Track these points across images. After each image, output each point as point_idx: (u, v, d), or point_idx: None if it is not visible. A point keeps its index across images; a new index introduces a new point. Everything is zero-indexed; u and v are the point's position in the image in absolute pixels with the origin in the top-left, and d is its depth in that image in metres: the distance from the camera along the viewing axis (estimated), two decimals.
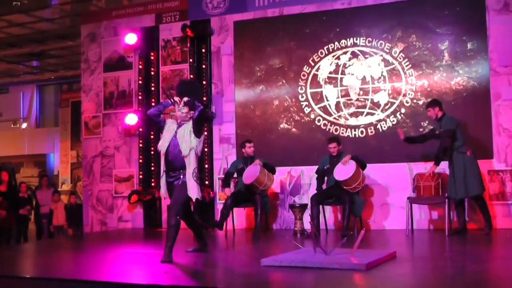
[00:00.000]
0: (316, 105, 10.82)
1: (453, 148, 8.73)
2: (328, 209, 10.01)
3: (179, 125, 6.63)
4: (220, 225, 9.19)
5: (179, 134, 6.53)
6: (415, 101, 10.20)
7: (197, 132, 6.52)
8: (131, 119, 11.65)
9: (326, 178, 9.52)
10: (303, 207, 9.65)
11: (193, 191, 6.48)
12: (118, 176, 12.12)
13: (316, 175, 9.60)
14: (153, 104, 11.47)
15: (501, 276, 5.24)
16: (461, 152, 8.62)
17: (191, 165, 6.44)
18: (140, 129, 11.75)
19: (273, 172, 9.66)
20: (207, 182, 11.02)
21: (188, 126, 6.57)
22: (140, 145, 11.75)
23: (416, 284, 5.16)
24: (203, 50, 11.42)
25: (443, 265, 6.14)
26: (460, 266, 5.98)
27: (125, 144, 12.09)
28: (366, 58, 10.51)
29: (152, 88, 11.69)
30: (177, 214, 6.33)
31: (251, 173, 9.33)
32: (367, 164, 9.30)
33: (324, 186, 9.52)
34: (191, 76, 11.23)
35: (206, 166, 11.12)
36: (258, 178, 9.30)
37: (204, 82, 11.20)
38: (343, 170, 9.02)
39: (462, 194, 8.61)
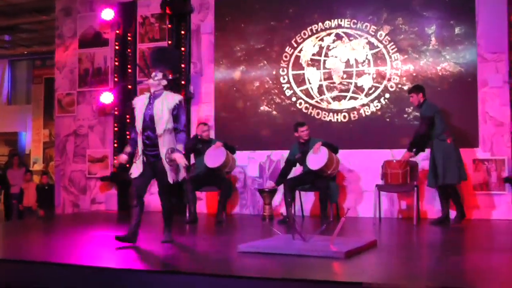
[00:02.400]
0: (298, 87, 10.85)
1: (433, 136, 8.73)
2: (303, 194, 10.05)
3: (154, 96, 6.48)
4: (195, 220, 9.12)
5: (155, 108, 6.40)
6: (400, 86, 10.21)
7: (176, 122, 6.44)
8: (107, 97, 11.60)
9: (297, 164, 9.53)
10: (272, 192, 9.70)
11: (168, 175, 6.43)
12: (92, 156, 12.11)
13: (284, 165, 9.60)
14: (129, 86, 11.54)
15: (481, 266, 5.29)
16: (441, 139, 8.62)
17: (165, 145, 6.34)
18: (115, 109, 11.68)
19: (233, 152, 9.71)
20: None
21: (166, 101, 6.41)
22: (115, 125, 11.69)
23: (395, 272, 5.19)
24: (183, 28, 11.38)
25: (419, 254, 6.22)
26: (437, 257, 6.06)
27: (100, 124, 12.06)
28: (350, 40, 10.52)
29: (129, 66, 11.63)
30: (168, 199, 6.52)
31: (215, 155, 9.31)
32: (338, 149, 9.35)
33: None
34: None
35: None
36: (225, 161, 9.34)
37: (183, 63, 11.14)
38: (316, 159, 9.01)
39: (440, 181, 8.62)
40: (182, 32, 11.30)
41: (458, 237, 7.67)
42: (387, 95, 10.24)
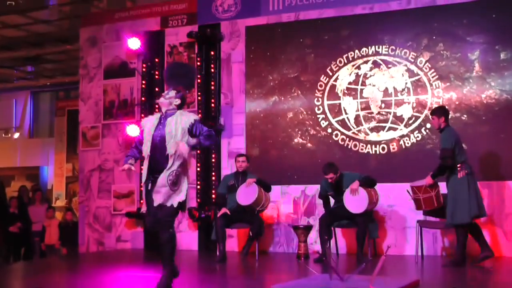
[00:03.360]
0: (333, 118, 10.77)
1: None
2: (339, 231, 9.95)
3: (165, 116, 6.18)
4: (224, 259, 9.06)
5: (168, 127, 6.05)
6: None
7: (192, 144, 6.07)
8: (133, 130, 11.47)
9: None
10: (308, 228, 9.58)
11: (171, 198, 6.07)
12: (117, 192, 12.06)
13: (321, 201, 9.59)
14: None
15: None
16: (453, 173, 8.31)
17: (171, 167, 5.97)
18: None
19: (269, 190, 9.63)
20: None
21: (180, 120, 6.11)
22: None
23: None
24: (212, 56, 11.42)
25: None
26: None
27: None
28: (388, 68, 10.43)
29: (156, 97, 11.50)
30: (169, 227, 6.06)
31: (247, 193, 9.28)
32: (376, 182, 9.19)
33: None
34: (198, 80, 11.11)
35: (214, 178, 11.06)
36: (257, 199, 9.31)
37: (212, 91, 11.27)
38: (355, 201, 8.87)
39: (448, 220, 8.34)
40: (212, 60, 11.40)
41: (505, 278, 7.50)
42: (428, 125, 10.09)
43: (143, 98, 11.69)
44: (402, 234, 10.01)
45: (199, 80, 11.22)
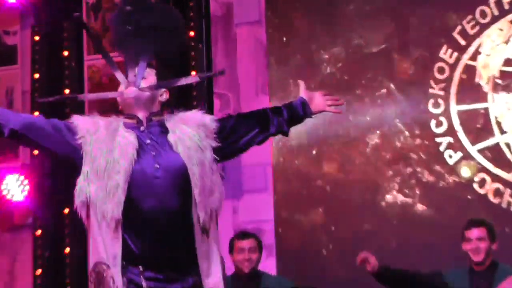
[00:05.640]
0: (473, 144, 7.04)
1: None
2: None
3: (149, 128, 3.75)
4: None
5: (176, 146, 3.70)
6: None
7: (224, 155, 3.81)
8: (15, 188, 7.90)
9: None
10: None
11: None
12: None
13: None
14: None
15: None
16: None
17: (211, 247, 3.81)
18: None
19: None
20: None
21: (193, 124, 3.77)
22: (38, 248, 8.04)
23: None
24: (192, 14, 7.68)
25: None
26: None
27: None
28: None
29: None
30: None
31: None
32: None
33: None
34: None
35: None
36: None
37: (194, 89, 7.69)
38: None
39: None
40: (191, 22, 7.63)
41: None
42: None
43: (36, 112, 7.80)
44: None
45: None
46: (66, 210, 7.18)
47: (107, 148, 3.64)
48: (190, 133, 3.74)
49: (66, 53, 7.64)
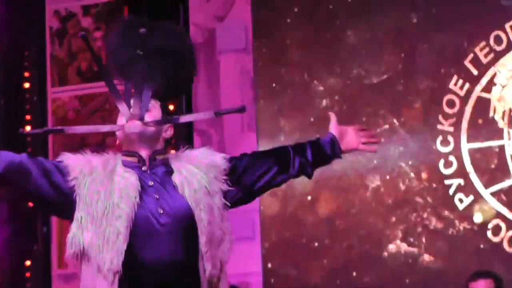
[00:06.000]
0: (486, 187, 6.88)
1: None
2: None
3: (152, 168, 3.43)
4: None
5: (182, 188, 3.41)
6: None
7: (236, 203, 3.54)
8: None
9: None
10: None
11: None
12: None
13: None
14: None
15: None
16: None
17: None
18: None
19: None
20: None
21: (201, 166, 3.52)
22: None
23: None
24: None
25: None
26: None
27: None
28: None
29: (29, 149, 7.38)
30: None
31: None
32: None
33: None
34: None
35: None
36: None
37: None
38: None
39: None
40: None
41: None
42: None
43: None
44: None
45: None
46: (28, 263, 6.74)
47: (104, 190, 3.38)
48: (198, 175, 3.49)
49: (27, 85, 7.33)
